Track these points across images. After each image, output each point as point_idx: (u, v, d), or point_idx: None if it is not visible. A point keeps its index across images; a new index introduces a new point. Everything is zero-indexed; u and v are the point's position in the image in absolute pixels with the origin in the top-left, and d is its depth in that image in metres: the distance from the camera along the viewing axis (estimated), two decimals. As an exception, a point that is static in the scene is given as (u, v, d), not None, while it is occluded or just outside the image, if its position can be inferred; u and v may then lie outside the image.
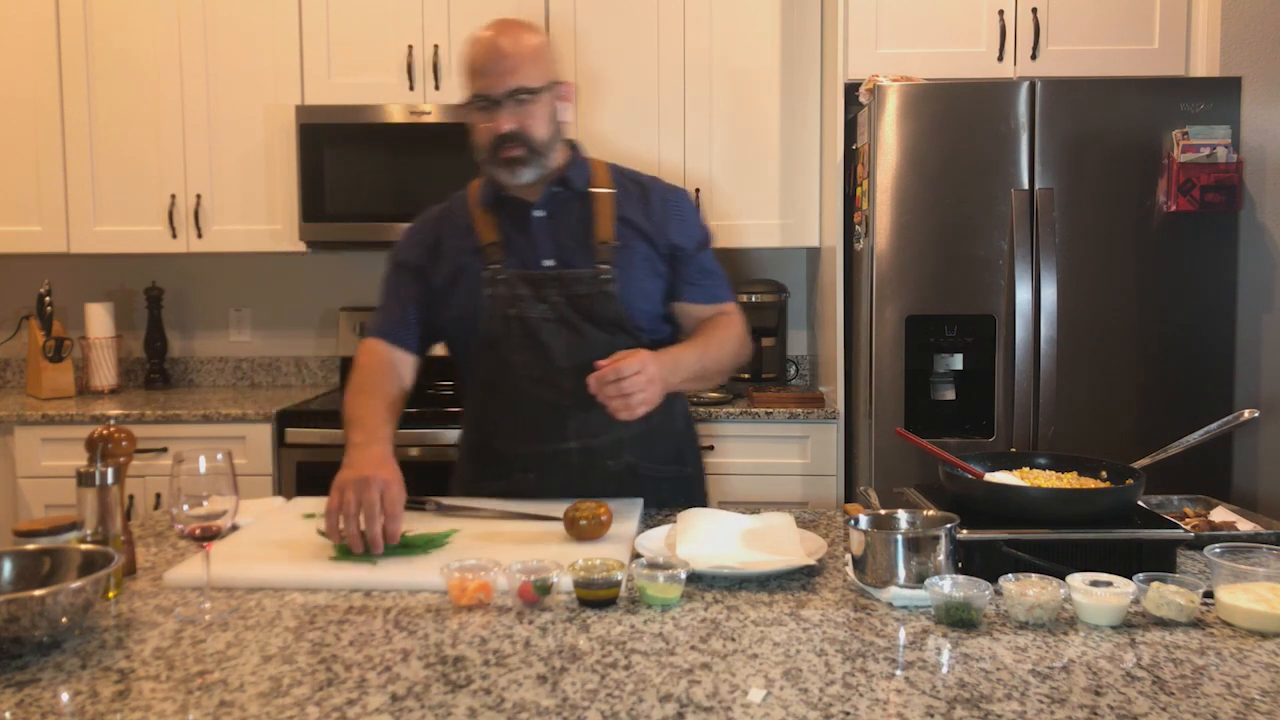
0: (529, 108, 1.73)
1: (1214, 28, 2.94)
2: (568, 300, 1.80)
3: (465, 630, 1.22)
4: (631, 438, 1.85)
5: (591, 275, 1.80)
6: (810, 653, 1.15)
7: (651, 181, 1.93)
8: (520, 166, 1.75)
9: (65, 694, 1.05)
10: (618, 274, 1.80)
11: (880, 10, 3.04)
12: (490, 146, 1.75)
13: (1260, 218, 2.94)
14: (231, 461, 1.30)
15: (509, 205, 1.84)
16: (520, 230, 1.83)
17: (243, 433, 3.09)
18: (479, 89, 1.74)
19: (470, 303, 1.82)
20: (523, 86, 1.72)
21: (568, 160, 1.84)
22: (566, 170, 1.83)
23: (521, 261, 1.82)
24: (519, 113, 1.73)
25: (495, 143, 1.74)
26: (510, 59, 1.72)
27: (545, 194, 1.83)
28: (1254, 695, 1.03)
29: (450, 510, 1.75)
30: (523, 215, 1.84)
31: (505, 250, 1.82)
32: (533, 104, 1.74)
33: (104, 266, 3.74)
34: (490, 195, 1.85)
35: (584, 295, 1.80)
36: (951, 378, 2.91)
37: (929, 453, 1.61)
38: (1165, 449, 1.59)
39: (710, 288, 1.91)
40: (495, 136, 1.73)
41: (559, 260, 1.82)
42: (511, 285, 1.80)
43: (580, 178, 1.85)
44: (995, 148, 2.78)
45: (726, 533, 1.56)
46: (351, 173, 3.31)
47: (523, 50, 1.73)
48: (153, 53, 3.36)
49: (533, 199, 1.83)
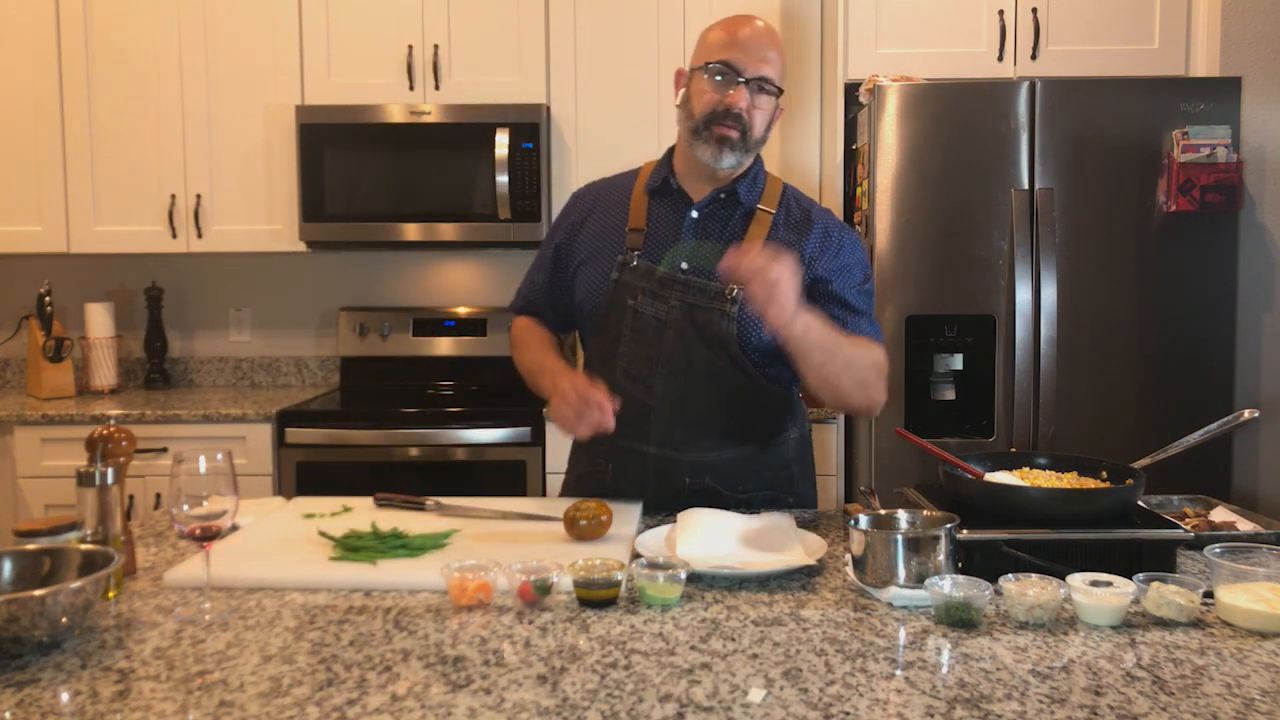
0: (763, 100, 1.75)
1: (1214, 28, 2.94)
2: (685, 308, 1.75)
3: (465, 630, 1.22)
4: (720, 462, 1.79)
5: (717, 290, 1.74)
6: (810, 653, 1.15)
7: (822, 213, 1.85)
8: (727, 149, 1.74)
9: (65, 694, 1.05)
10: (743, 296, 1.70)
11: (880, 10, 3.04)
12: (708, 116, 1.73)
13: (1260, 218, 2.94)
14: (231, 461, 1.30)
15: (671, 197, 1.83)
16: (671, 225, 1.81)
17: (243, 433, 3.09)
18: (729, 58, 1.73)
19: (596, 283, 1.82)
20: (769, 77, 1.74)
21: (746, 171, 1.82)
22: (740, 180, 1.80)
23: (660, 257, 1.79)
24: (755, 99, 1.74)
25: (717, 114, 1.73)
26: (769, 48, 1.74)
27: (710, 196, 1.80)
28: (1254, 695, 1.03)
29: (450, 510, 1.75)
30: (679, 211, 1.82)
31: (647, 240, 1.81)
32: (767, 98, 1.75)
33: (104, 266, 3.74)
34: (657, 181, 1.84)
35: (703, 308, 1.74)
36: (951, 378, 2.91)
37: (929, 453, 1.60)
38: (1165, 449, 1.59)
39: (855, 322, 1.76)
40: (721, 108, 1.72)
41: (693, 266, 1.77)
42: (640, 276, 1.78)
43: (750, 192, 1.81)
44: (995, 148, 2.78)
45: (726, 533, 1.56)
46: (351, 172, 3.31)
47: (778, 47, 1.77)
48: (153, 53, 3.36)
49: (696, 198, 1.81)
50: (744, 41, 1.73)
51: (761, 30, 1.76)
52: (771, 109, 1.78)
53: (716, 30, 1.78)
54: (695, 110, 1.75)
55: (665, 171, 1.84)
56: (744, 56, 1.72)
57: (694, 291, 1.75)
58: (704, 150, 1.75)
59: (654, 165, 1.88)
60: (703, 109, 1.74)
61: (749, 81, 1.72)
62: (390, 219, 3.29)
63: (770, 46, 1.75)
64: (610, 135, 3.31)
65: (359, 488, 1.95)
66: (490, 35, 3.33)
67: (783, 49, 1.79)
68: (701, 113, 1.74)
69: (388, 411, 3.12)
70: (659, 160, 1.88)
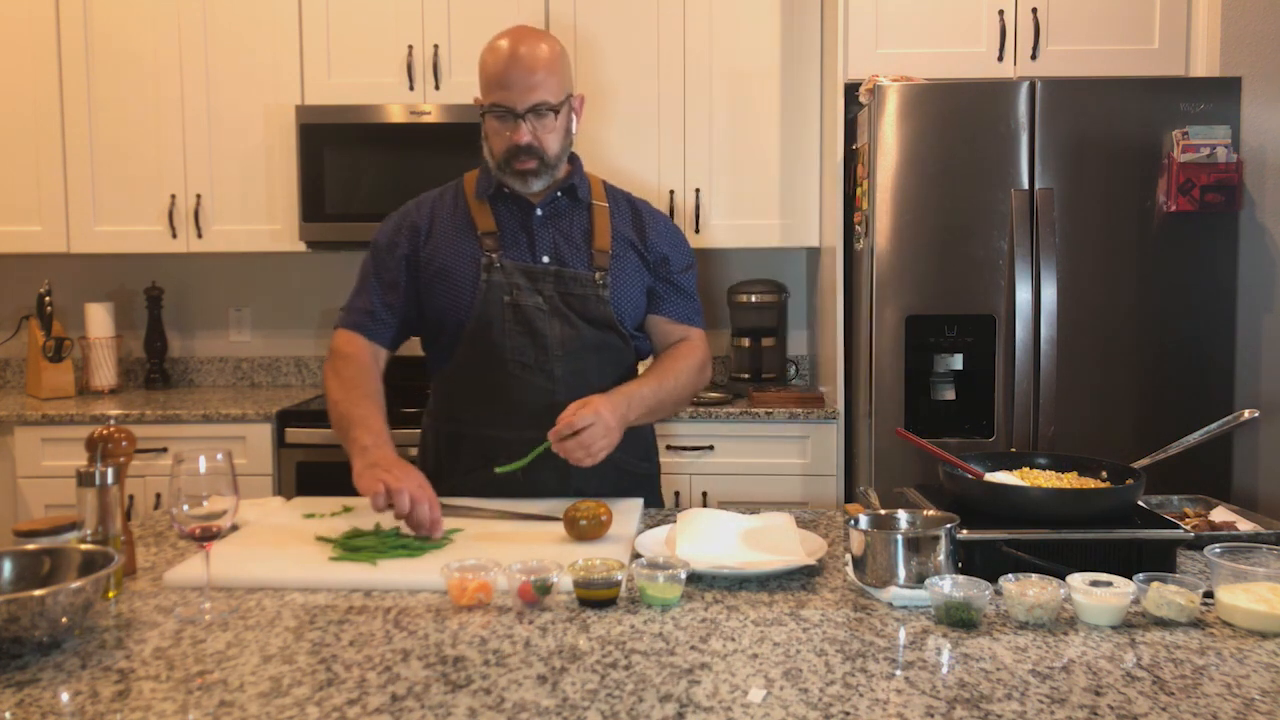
0: (547, 122, 1.78)
1: (1214, 28, 2.94)
2: (562, 296, 1.84)
3: (465, 630, 1.22)
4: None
5: (588, 278, 1.85)
6: (810, 653, 1.15)
7: (641, 202, 2.00)
8: (533, 177, 1.81)
9: (65, 694, 1.05)
10: (612, 281, 1.86)
11: (880, 10, 3.04)
12: (505, 156, 1.80)
13: (1260, 218, 2.94)
14: (231, 461, 1.30)
15: (509, 201, 1.88)
16: (520, 226, 1.87)
17: (243, 433, 3.09)
18: (499, 99, 1.77)
19: (464, 287, 1.84)
20: (544, 102, 1.76)
21: (570, 171, 1.90)
22: (571, 179, 1.89)
23: (519, 254, 1.86)
24: (537, 126, 1.78)
25: (511, 153, 1.79)
26: (534, 73, 1.75)
27: (549, 198, 1.88)
28: (1254, 695, 1.03)
29: (450, 510, 1.75)
30: (524, 212, 1.88)
31: (503, 241, 1.86)
32: (551, 118, 1.78)
33: (104, 266, 3.74)
34: (490, 187, 1.88)
35: (579, 295, 1.85)
36: (951, 378, 2.91)
37: (929, 453, 1.61)
38: (1165, 449, 1.59)
39: (683, 307, 1.96)
40: (512, 147, 1.78)
41: (556, 259, 1.86)
42: (509, 274, 1.84)
43: (584, 189, 1.91)
44: (995, 148, 2.78)
45: (726, 533, 1.56)
46: (351, 173, 3.31)
47: (545, 64, 1.77)
48: (153, 53, 3.36)
49: (534, 200, 1.87)
50: (508, 78, 1.75)
51: (523, 56, 1.75)
52: (563, 121, 1.82)
53: (486, 62, 1.80)
54: (493, 150, 1.83)
55: (494, 179, 1.87)
56: (512, 94, 1.75)
57: (565, 281, 1.85)
58: (513, 182, 1.84)
59: (475, 175, 1.92)
60: (498, 150, 1.81)
61: (525, 115, 1.76)
62: (390, 219, 3.29)
63: (535, 69, 1.75)
64: (610, 135, 3.31)
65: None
66: (490, 35, 3.32)
67: (554, 59, 1.78)
68: (498, 154, 1.81)
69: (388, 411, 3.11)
70: (479, 170, 1.91)
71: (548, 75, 1.76)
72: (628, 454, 1.90)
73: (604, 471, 1.84)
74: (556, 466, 1.80)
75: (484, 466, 1.84)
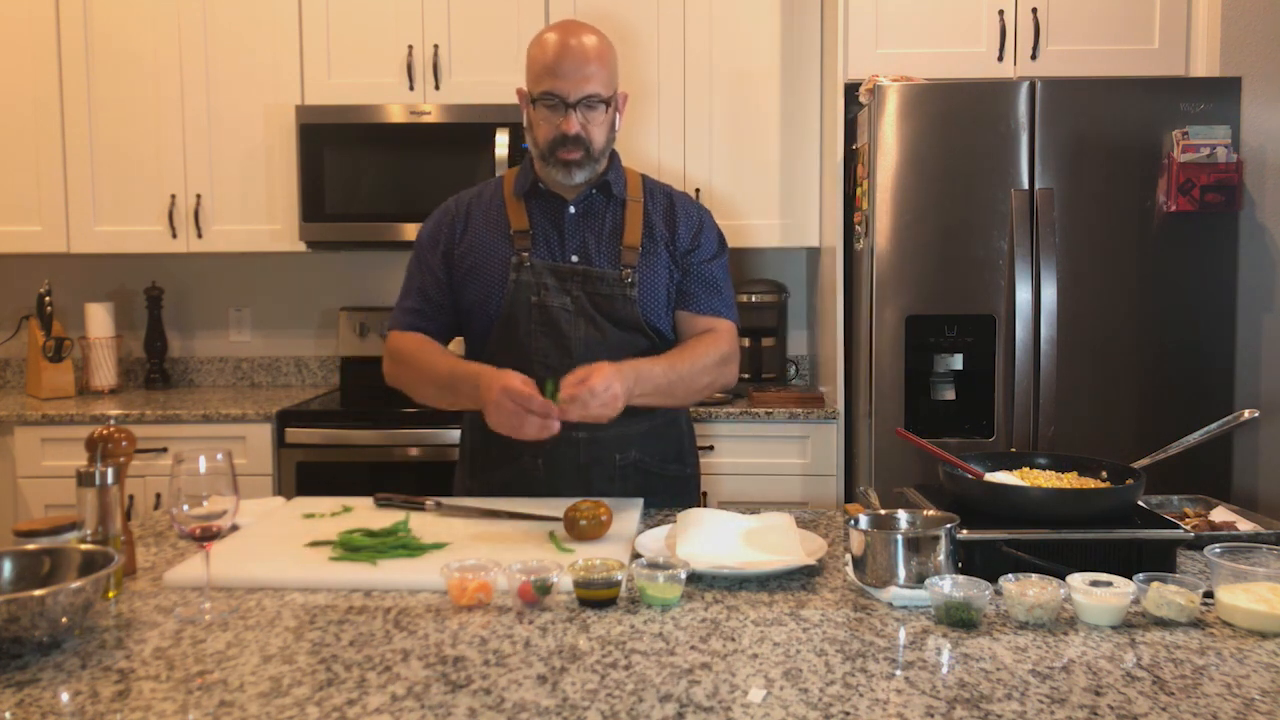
0: (596, 114, 1.79)
1: (1214, 28, 2.94)
2: (589, 297, 1.84)
3: (465, 630, 1.22)
4: (639, 434, 1.88)
5: (615, 277, 1.85)
6: (810, 653, 1.15)
7: (680, 194, 1.98)
8: (576, 169, 1.81)
9: (65, 694, 1.05)
10: (639, 279, 1.85)
11: (880, 10, 3.04)
12: (550, 145, 1.80)
13: (1260, 218, 2.94)
14: (231, 461, 1.30)
15: (544, 198, 1.88)
16: (552, 224, 1.88)
17: (243, 433, 3.09)
18: (552, 88, 1.77)
19: (494, 286, 1.85)
20: (596, 94, 1.77)
21: (609, 167, 1.89)
22: (608, 175, 1.88)
23: (549, 253, 1.86)
24: (587, 118, 1.78)
25: (557, 142, 1.79)
26: (587, 64, 1.76)
27: (584, 194, 1.88)
28: (1254, 695, 1.03)
29: (450, 510, 1.75)
30: (557, 210, 1.88)
31: (534, 240, 1.86)
32: (600, 110, 1.79)
33: (104, 266, 3.74)
34: (526, 185, 1.88)
35: (605, 295, 1.84)
36: (951, 378, 2.91)
37: (929, 453, 1.61)
38: (1165, 449, 1.59)
39: (709, 300, 1.92)
40: (559, 136, 1.78)
41: (584, 258, 1.85)
42: (537, 273, 1.84)
43: (619, 185, 1.90)
44: (995, 148, 2.78)
45: (726, 533, 1.56)
46: (351, 173, 3.31)
47: (598, 56, 1.78)
48: (153, 53, 3.36)
49: (569, 196, 1.87)
50: (562, 68, 1.76)
51: (576, 47, 1.77)
52: (608, 119, 1.83)
53: (537, 53, 1.81)
54: (538, 139, 1.82)
55: (531, 177, 1.88)
56: (565, 83, 1.76)
57: (592, 280, 1.84)
58: (555, 173, 1.83)
59: (515, 173, 1.92)
60: (544, 139, 1.81)
61: (576, 105, 1.77)
62: (390, 219, 3.29)
63: (589, 61, 1.77)
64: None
65: (359, 488, 1.96)
66: (490, 35, 3.33)
67: (605, 52, 1.80)
68: (544, 142, 1.81)
69: (388, 411, 3.11)
70: (519, 168, 1.92)
71: (600, 68, 1.78)
72: (651, 455, 1.90)
73: (629, 474, 1.86)
74: (578, 468, 1.82)
75: (512, 463, 1.87)
